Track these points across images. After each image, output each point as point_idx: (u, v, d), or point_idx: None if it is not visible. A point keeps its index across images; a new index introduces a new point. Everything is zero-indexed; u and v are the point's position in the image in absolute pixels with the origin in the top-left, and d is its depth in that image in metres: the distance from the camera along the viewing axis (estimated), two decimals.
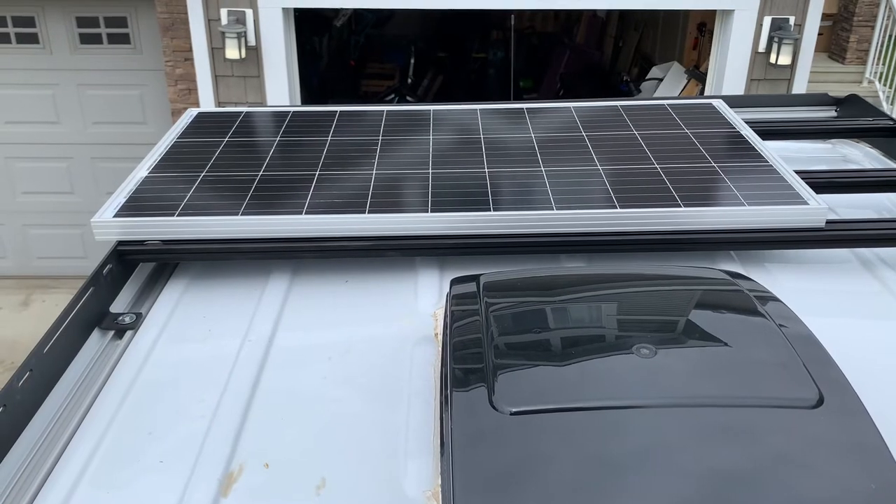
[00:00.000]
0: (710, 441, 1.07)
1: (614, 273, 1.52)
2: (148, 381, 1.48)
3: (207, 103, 6.54)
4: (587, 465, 1.05)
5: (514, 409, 1.14)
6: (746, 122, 2.30)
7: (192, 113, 2.37)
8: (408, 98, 9.70)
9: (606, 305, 1.39)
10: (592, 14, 10.83)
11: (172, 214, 1.79)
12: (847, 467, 1.04)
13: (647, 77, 8.76)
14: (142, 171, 2.00)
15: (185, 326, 1.65)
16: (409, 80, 10.24)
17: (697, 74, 7.66)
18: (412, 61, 10.26)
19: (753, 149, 2.07)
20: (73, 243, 7.69)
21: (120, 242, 1.78)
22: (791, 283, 1.76)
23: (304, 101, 7.40)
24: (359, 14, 10.92)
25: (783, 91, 6.56)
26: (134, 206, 1.83)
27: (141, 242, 1.79)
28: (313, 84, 9.24)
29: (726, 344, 1.26)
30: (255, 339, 1.58)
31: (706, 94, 6.93)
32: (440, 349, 1.49)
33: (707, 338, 1.28)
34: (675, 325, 1.32)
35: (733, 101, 2.49)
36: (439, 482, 1.18)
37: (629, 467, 1.05)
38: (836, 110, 2.70)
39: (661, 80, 8.30)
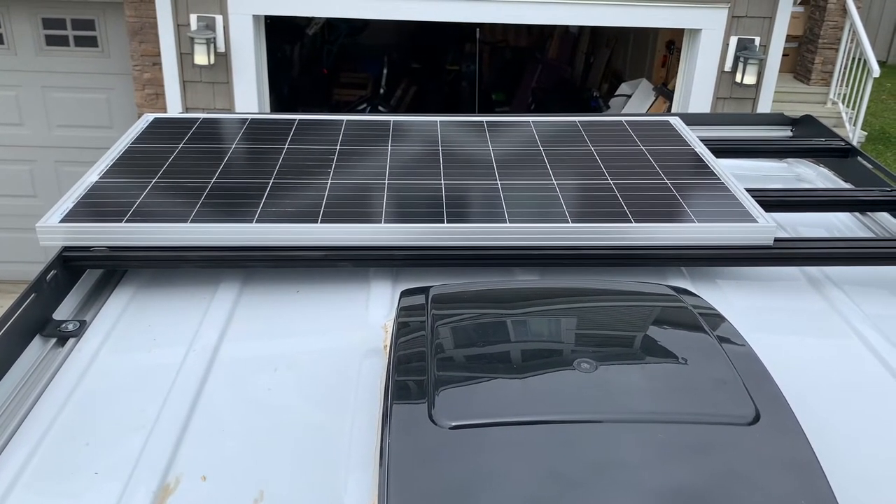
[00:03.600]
0: (645, 456, 1.08)
1: (561, 287, 1.53)
2: (88, 390, 1.46)
3: (175, 108, 6.48)
4: (525, 480, 1.04)
5: (453, 424, 1.13)
6: (704, 140, 2.33)
7: (147, 118, 2.34)
8: (380, 108, 9.70)
9: (551, 320, 1.39)
10: (565, 30, 10.93)
11: (120, 220, 1.76)
12: (779, 484, 1.05)
13: (616, 93, 8.86)
14: (92, 176, 1.97)
15: (130, 335, 1.62)
16: (382, 91, 10.24)
17: (665, 92, 7.76)
18: (385, 71, 10.27)
19: (706, 166, 2.10)
20: (34, 248, 7.47)
21: (65, 248, 1.75)
22: (740, 299, 1.78)
23: (274, 109, 7.37)
24: (332, 23, 10.91)
25: (748, 110, 6.67)
26: (81, 212, 1.80)
27: (87, 248, 1.76)
28: (284, 92, 9.20)
29: (667, 359, 1.27)
30: (200, 349, 1.55)
31: (673, 111, 7.03)
32: (387, 361, 1.48)
33: (648, 353, 1.28)
34: (617, 340, 1.33)
35: (691, 119, 2.53)
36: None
37: (566, 483, 1.04)
38: (791, 130, 2.75)
39: (629, 96, 8.40)
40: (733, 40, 6.45)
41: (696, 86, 6.59)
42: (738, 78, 6.46)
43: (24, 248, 7.61)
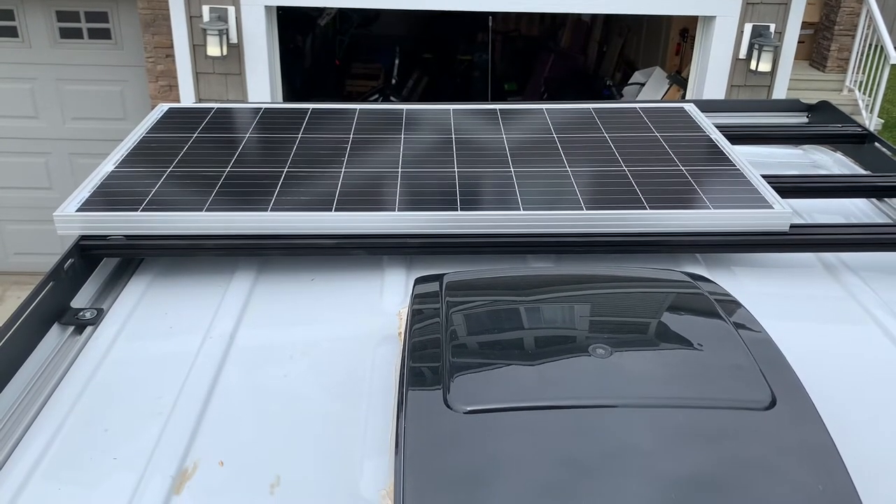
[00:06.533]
0: (662, 442, 1.08)
1: (575, 274, 1.52)
2: (106, 377, 1.47)
3: (188, 100, 6.50)
4: (540, 465, 1.05)
5: (468, 408, 1.14)
6: (719, 127, 2.31)
7: (162, 108, 2.35)
8: (392, 98, 9.70)
9: (565, 306, 1.39)
10: (577, 18, 10.87)
11: (137, 209, 1.77)
12: (797, 470, 1.05)
13: (629, 81, 8.81)
14: (108, 165, 1.98)
15: (147, 322, 1.64)
16: (394, 81, 10.23)
17: (679, 80, 7.71)
18: (397, 62, 10.26)
19: (721, 153, 2.09)
20: (49, 239, 7.61)
21: (83, 237, 1.77)
22: (755, 286, 1.77)
23: (287, 100, 7.38)
24: (344, 14, 10.90)
25: (763, 97, 6.61)
26: (98, 201, 1.81)
27: (104, 237, 1.77)
28: (296, 83, 9.21)
29: (682, 345, 1.26)
30: (217, 337, 1.56)
31: (687, 98, 6.98)
32: (401, 348, 1.49)
33: (664, 339, 1.28)
34: (632, 326, 1.32)
35: (706, 106, 2.51)
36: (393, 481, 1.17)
37: (581, 468, 1.04)
38: (807, 116, 2.72)
39: (643, 84, 8.35)
40: (748, 27, 6.39)
41: (711, 74, 6.54)
42: (752, 65, 6.41)
43: (39, 239, 7.68)
